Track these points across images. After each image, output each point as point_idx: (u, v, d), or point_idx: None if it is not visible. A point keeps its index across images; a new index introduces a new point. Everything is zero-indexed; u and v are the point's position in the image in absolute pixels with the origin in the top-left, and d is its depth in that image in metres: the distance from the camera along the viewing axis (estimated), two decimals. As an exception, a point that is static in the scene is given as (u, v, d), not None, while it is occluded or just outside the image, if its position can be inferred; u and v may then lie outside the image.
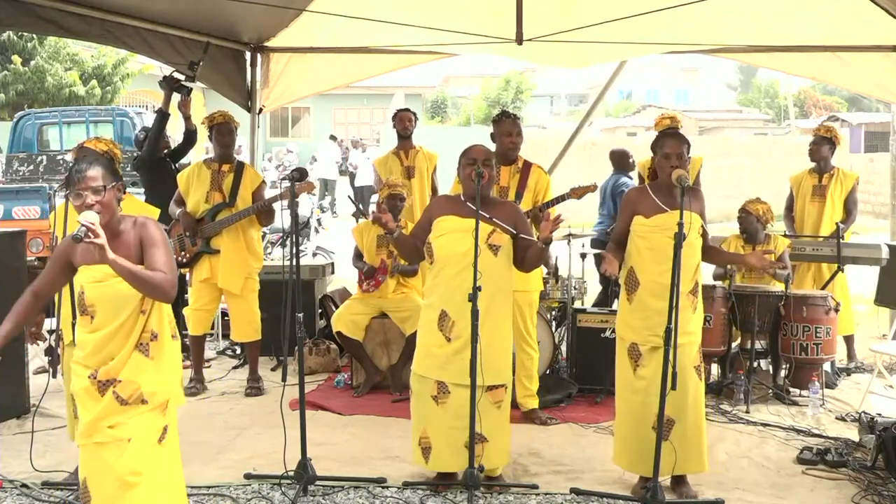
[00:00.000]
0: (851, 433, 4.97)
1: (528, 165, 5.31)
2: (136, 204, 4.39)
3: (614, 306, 5.42)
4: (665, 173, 4.12)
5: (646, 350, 4.09)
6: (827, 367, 6.05)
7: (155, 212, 4.47)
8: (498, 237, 4.12)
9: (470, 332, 3.86)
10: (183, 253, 5.84)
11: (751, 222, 6.08)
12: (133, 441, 3.12)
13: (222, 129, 5.92)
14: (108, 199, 3.09)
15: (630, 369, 4.16)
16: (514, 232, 4.17)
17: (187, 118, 6.51)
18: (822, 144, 6.73)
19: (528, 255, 4.17)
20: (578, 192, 5.34)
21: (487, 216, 4.08)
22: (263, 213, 5.90)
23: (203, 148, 14.29)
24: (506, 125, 5.26)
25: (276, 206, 5.85)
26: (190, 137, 6.77)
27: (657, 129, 6.76)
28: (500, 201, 4.47)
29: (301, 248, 9.53)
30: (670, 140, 4.17)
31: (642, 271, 4.13)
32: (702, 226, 4.16)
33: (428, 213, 4.34)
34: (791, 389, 5.81)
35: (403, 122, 7.23)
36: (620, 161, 8.07)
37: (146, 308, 3.18)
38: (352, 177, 20.06)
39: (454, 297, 3.99)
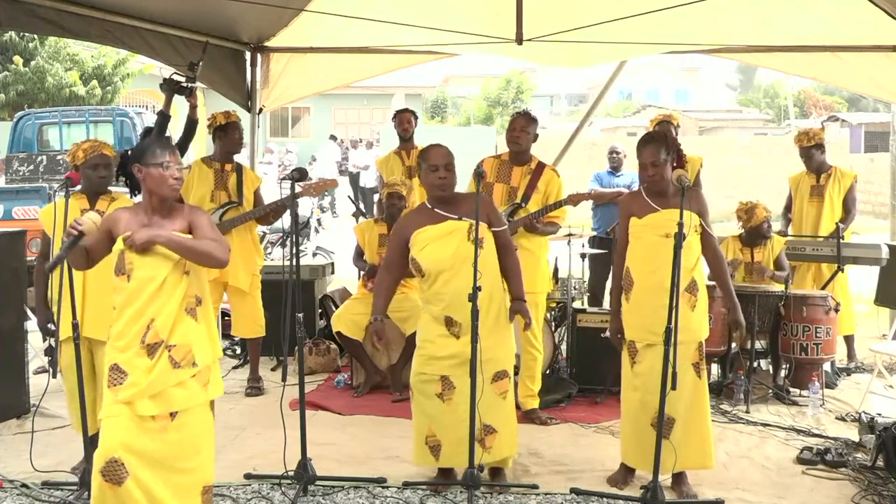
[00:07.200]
0: (851, 433, 4.97)
1: (541, 167, 5.23)
2: (127, 203, 4.36)
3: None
4: (643, 183, 4.20)
5: (641, 347, 4.13)
6: (827, 367, 6.04)
7: None
8: (479, 230, 4.06)
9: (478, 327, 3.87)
10: None
11: (765, 229, 6.07)
12: (183, 413, 3.24)
13: (235, 128, 5.92)
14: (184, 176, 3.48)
15: (629, 366, 4.20)
16: (488, 225, 4.12)
17: (193, 107, 6.50)
18: (812, 153, 6.65)
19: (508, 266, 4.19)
20: (575, 199, 5.29)
21: (457, 217, 4.07)
22: (274, 212, 5.91)
23: (205, 148, 14.26)
24: (514, 120, 5.20)
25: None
26: (191, 128, 6.74)
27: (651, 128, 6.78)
28: (464, 196, 4.27)
29: (301, 248, 9.53)
30: (643, 149, 4.14)
31: (637, 270, 4.16)
32: (700, 225, 4.16)
33: (398, 235, 4.23)
34: (791, 389, 5.80)
35: (403, 124, 7.21)
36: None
37: (189, 269, 3.31)
38: (353, 177, 20.05)
39: (455, 302, 3.97)
